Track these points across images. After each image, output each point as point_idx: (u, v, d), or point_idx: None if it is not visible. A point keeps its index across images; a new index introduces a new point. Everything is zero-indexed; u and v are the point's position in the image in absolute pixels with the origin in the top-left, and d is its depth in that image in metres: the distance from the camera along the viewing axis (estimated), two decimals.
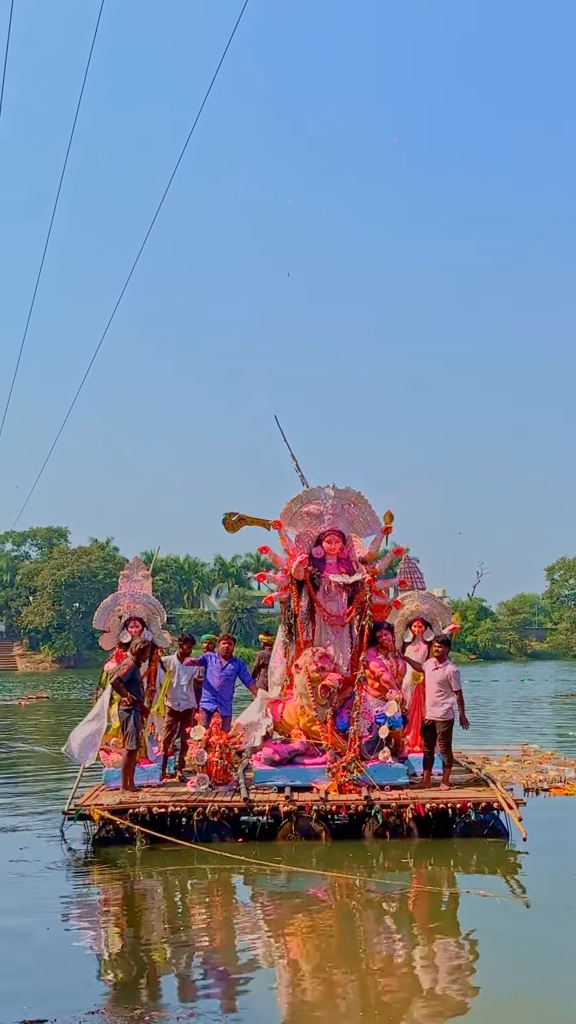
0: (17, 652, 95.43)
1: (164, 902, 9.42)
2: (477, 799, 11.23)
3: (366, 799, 11.10)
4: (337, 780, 11.48)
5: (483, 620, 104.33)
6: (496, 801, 11.15)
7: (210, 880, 9.85)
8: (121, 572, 14.00)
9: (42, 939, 7.92)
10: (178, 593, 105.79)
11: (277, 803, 11.04)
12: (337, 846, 10.87)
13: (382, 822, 10.95)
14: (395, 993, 6.69)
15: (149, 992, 6.80)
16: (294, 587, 12.51)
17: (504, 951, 7.67)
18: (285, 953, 7.68)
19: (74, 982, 6.96)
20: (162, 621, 13.47)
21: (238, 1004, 6.52)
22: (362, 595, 12.38)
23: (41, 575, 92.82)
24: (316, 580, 12.51)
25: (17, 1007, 6.31)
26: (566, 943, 7.88)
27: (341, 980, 6.93)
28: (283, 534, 12.73)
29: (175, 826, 10.91)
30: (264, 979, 7.07)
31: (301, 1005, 6.57)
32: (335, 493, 12.71)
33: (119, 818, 10.76)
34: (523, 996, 6.65)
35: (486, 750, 19.05)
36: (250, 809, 11.03)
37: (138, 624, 13.09)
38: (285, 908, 9.02)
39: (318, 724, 12.03)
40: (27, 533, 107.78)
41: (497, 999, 6.58)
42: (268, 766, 11.86)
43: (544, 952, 7.62)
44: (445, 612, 14.55)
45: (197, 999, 6.57)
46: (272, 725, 12.43)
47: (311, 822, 11.01)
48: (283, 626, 12.88)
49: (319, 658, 12.14)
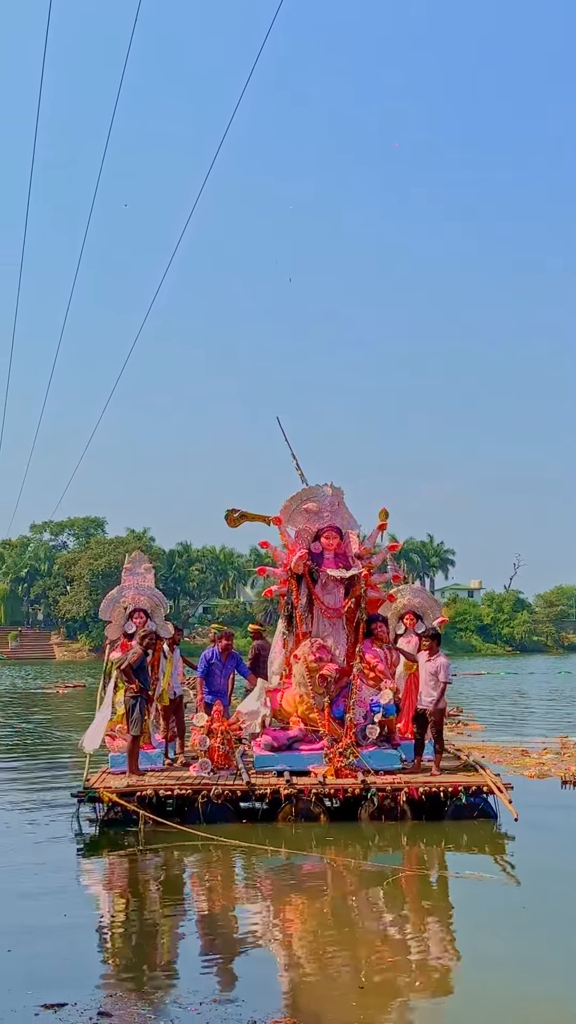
0: (55, 641, 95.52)
1: (171, 882, 9.59)
2: (468, 783, 11.57)
3: (362, 783, 11.39)
4: (333, 765, 11.80)
5: (520, 612, 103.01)
6: (486, 785, 11.50)
7: (215, 860, 10.08)
8: (124, 566, 14.29)
9: (58, 923, 7.97)
10: (214, 583, 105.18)
11: (278, 787, 11.33)
12: (335, 828, 11.17)
13: (377, 805, 11.27)
14: (386, 969, 6.85)
15: (165, 974, 6.87)
16: (294, 581, 12.91)
17: (489, 926, 7.93)
18: (292, 931, 7.88)
19: (91, 966, 7.01)
20: (165, 612, 13.68)
21: (248, 984, 6.60)
22: (358, 589, 12.74)
23: (78, 565, 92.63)
24: (314, 574, 12.87)
25: (36, 991, 6.31)
26: (549, 919, 8.15)
27: (336, 955, 7.09)
28: (283, 530, 13.18)
29: (180, 808, 11.22)
30: (275, 957, 7.23)
31: (302, 983, 6.71)
32: (332, 491, 13.12)
33: (127, 800, 11.03)
34: (505, 970, 6.85)
35: (525, 743, 19.02)
36: (252, 792, 11.30)
37: (142, 615, 13.33)
38: (286, 887, 9.27)
39: (316, 712, 12.38)
40: (65, 523, 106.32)
41: (481, 973, 6.80)
42: (268, 751, 12.18)
43: (528, 928, 7.89)
44: (436, 606, 14.86)
45: (213, 981, 6.63)
46: (271, 713, 12.83)
47: (311, 805, 11.32)
48: (282, 618, 13.27)
49: (317, 649, 12.50)
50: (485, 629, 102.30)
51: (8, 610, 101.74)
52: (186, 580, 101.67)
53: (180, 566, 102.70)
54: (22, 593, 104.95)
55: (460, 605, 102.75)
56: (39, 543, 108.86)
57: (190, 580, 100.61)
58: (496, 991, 6.47)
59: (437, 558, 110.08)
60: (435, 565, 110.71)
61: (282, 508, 13.17)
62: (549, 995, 6.46)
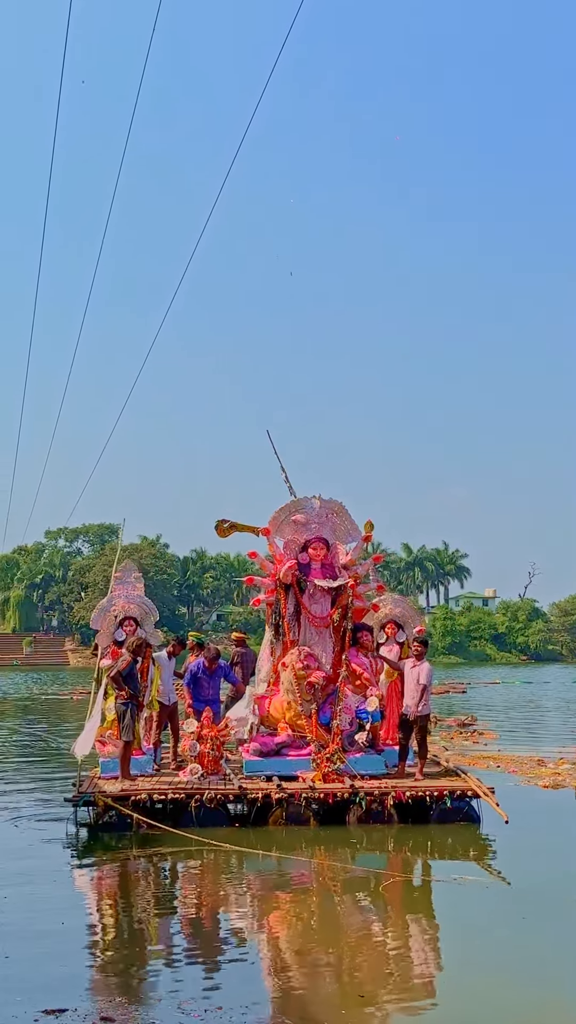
0: (69, 647, 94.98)
1: (167, 887, 9.66)
2: (453, 788, 11.74)
3: (351, 787, 11.53)
4: (321, 770, 11.94)
5: (535, 621, 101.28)
6: (471, 789, 11.65)
7: (209, 863, 10.13)
8: (114, 574, 14.43)
9: (55, 929, 7.97)
10: (228, 591, 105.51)
11: (269, 791, 11.42)
12: (324, 831, 11.28)
13: (365, 808, 11.41)
14: (387, 977, 6.90)
15: (165, 979, 6.88)
16: (282, 590, 13.02)
17: (472, 926, 8.13)
18: (292, 938, 7.90)
19: (89, 972, 7.02)
20: (154, 620, 13.86)
21: (250, 991, 6.59)
22: (345, 598, 12.94)
23: (93, 571, 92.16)
24: (302, 584, 13.01)
25: (36, 996, 6.27)
26: (541, 921, 8.31)
27: (337, 963, 7.15)
28: (271, 540, 13.29)
29: (175, 812, 11.29)
30: (277, 964, 7.27)
31: (303, 990, 6.73)
32: (320, 504, 13.31)
33: (121, 805, 11.08)
34: (489, 971, 6.99)
35: (541, 752, 18.83)
36: (244, 797, 11.40)
37: (132, 623, 13.50)
38: (275, 889, 9.36)
39: (303, 718, 12.49)
40: (80, 530, 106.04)
41: (464, 975, 6.95)
42: (256, 757, 12.30)
43: (522, 932, 8.03)
44: (416, 616, 15.19)
45: (214, 987, 6.65)
46: (258, 719, 12.88)
47: (301, 809, 11.43)
48: (270, 627, 13.37)
49: (305, 657, 12.63)
50: (500, 638, 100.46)
51: (23, 616, 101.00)
52: (200, 587, 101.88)
53: (194, 573, 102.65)
54: (37, 599, 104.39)
55: (475, 614, 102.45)
56: (54, 549, 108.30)
57: (204, 587, 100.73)
58: (495, 995, 6.56)
59: (452, 566, 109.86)
60: (450, 573, 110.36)
61: (270, 519, 13.31)
62: (544, 1000, 6.59)
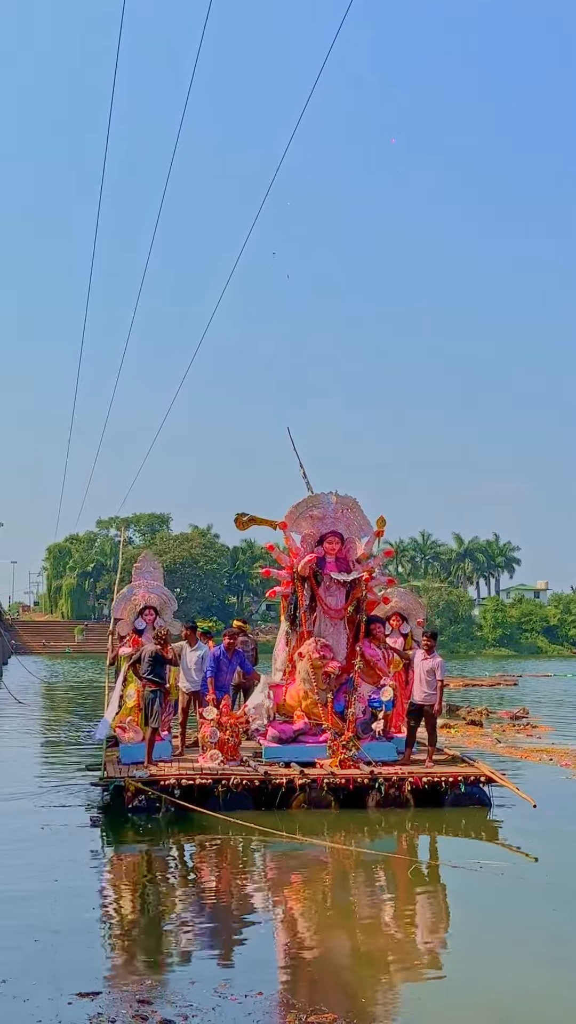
0: None
1: (194, 868, 9.79)
2: (467, 773, 11.98)
3: (371, 773, 11.73)
4: (337, 757, 12.15)
5: None
6: (484, 775, 11.93)
7: (238, 847, 10.27)
8: (135, 565, 14.83)
9: (86, 915, 7.94)
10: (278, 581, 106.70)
11: (292, 776, 11.60)
12: (344, 815, 11.50)
13: (384, 793, 11.65)
14: (385, 946, 7.11)
15: (199, 963, 6.88)
16: (299, 582, 13.29)
17: (482, 906, 8.32)
18: (329, 924, 7.91)
19: (122, 955, 6.99)
20: (173, 609, 14.16)
21: (290, 977, 6.67)
22: (359, 591, 13.18)
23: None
24: (318, 576, 13.26)
25: (69, 980, 6.26)
26: (540, 903, 8.49)
27: (377, 949, 7.23)
28: (288, 534, 13.56)
29: (201, 796, 11.40)
30: (316, 949, 7.28)
31: (342, 976, 6.75)
32: (336, 499, 13.56)
33: (150, 789, 11.23)
34: (494, 948, 7.14)
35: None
36: (269, 782, 11.55)
37: (152, 612, 13.85)
38: (307, 872, 9.51)
39: (319, 707, 12.68)
40: (131, 519, 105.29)
41: (472, 952, 7.08)
42: (275, 743, 12.49)
43: (518, 913, 8.24)
44: (420, 608, 15.56)
45: (249, 972, 6.65)
46: (274, 707, 13.18)
47: (323, 794, 11.66)
48: (285, 617, 13.70)
49: (320, 647, 12.84)
50: (551, 630, 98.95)
51: (75, 604, 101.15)
52: (249, 577, 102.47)
53: (244, 563, 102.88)
54: (88, 588, 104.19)
55: (526, 606, 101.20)
56: (105, 538, 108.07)
57: (253, 577, 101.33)
58: (531, 985, 6.65)
59: (502, 558, 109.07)
60: (500, 565, 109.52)
61: (287, 514, 13.52)
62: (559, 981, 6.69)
